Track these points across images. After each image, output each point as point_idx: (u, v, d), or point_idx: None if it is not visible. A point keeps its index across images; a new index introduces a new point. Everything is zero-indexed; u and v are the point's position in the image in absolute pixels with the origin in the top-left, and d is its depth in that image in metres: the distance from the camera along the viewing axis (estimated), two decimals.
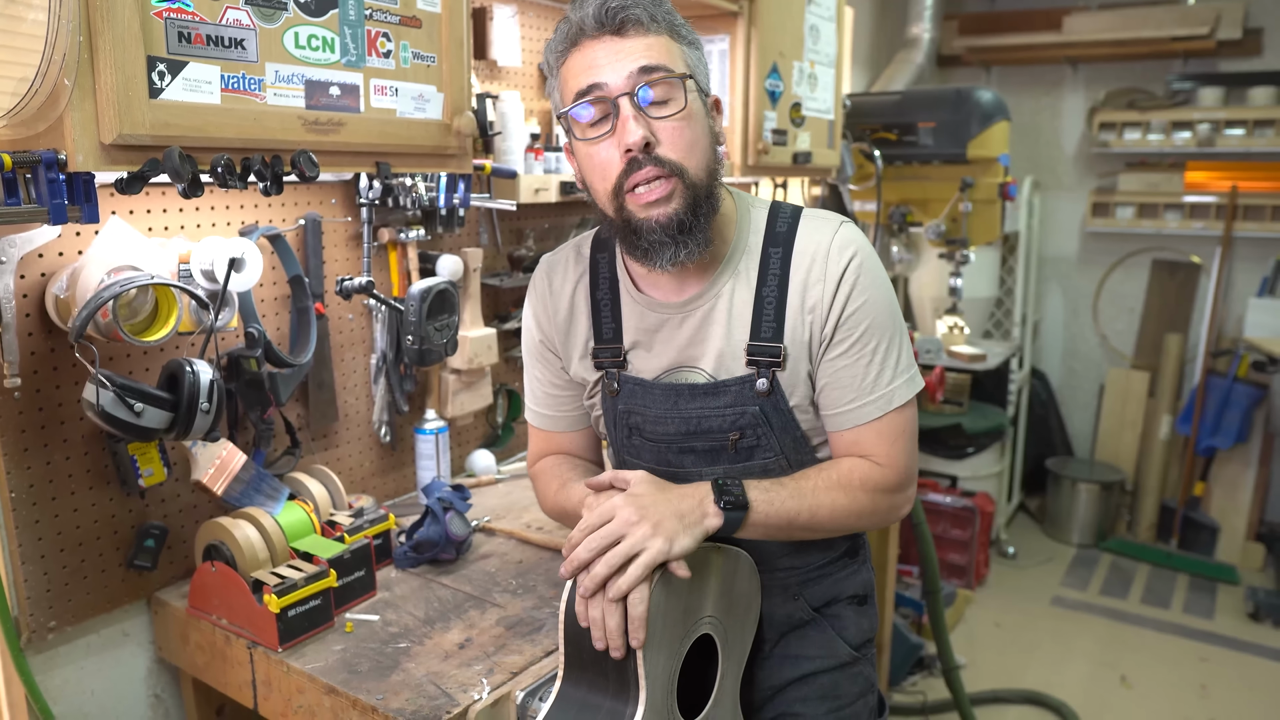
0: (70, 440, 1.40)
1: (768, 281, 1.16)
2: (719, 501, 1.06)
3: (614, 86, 1.06)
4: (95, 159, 1.07)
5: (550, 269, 1.32)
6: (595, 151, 1.10)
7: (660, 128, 1.07)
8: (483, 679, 1.27)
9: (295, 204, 1.66)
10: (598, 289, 1.26)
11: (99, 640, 1.50)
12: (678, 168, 1.08)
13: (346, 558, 1.47)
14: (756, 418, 1.18)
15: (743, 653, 1.25)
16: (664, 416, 1.21)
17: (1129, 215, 4.39)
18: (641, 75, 1.06)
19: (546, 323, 1.30)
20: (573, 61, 1.10)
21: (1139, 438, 4.48)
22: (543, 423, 1.37)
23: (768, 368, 1.16)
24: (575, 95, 1.09)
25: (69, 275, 1.27)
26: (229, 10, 1.16)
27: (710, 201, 1.12)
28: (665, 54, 1.08)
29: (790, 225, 1.18)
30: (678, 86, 1.08)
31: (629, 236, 1.12)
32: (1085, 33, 4.19)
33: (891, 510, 1.20)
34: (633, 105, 1.06)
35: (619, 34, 1.07)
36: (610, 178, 1.09)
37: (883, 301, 1.16)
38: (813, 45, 2.63)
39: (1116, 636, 3.49)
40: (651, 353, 1.22)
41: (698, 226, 1.10)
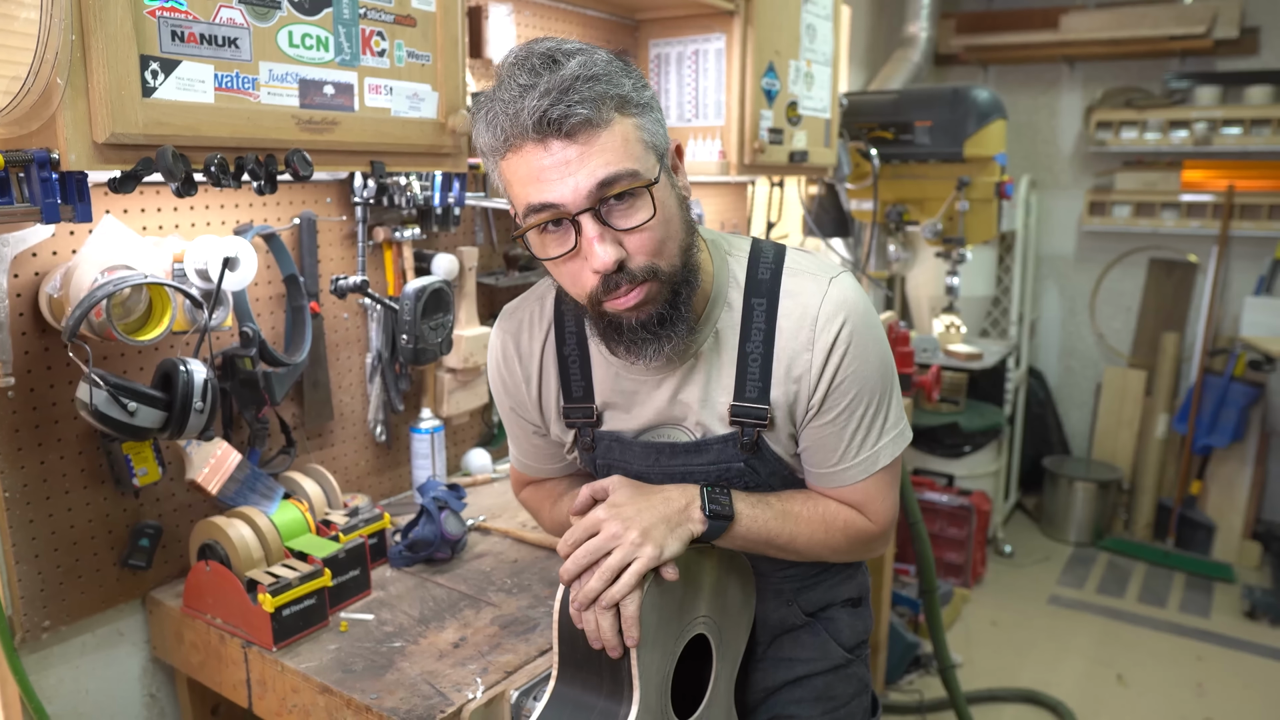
0: (64, 439, 1.39)
1: (751, 338, 1.10)
2: (705, 509, 1.05)
3: (571, 204, 0.95)
4: (88, 158, 1.07)
5: (517, 330, 1.23)
6: (559, 264, 1.02)
7: (629, 240, 0.98)
8: (477, 678, 1.27)
9: (290, 203, 1.66)
10: (564, 345, 1.19)
11: (94, 639, 1.50)
12: (653, 272, 1.00)
13: (341, 557, 1.47)
14: (741, 471, 1.15)
15: (737, 653, 1.25)
16: (645, 473, 1.17)
17: (1126, 214, 4.39)
18: (601, 189, 0.95)
19: (517, 389, 1.24)
20: (514, 166, 0.98)
21: (1136, 436, 4.49)
22: (529, 471, 1.36)
23: (752, 427, 1.12)
24: (526, 208, 0.99)
25: (62, 274, 1.27)
26: (222, 9, 1.15)
27: (690, 284, 1.05)
28: (622, 150, 0.96)
29: (773, 273, 1.12)
30: (641, 188, 0.97)
31: (610, 334, 1.06)
32: (1082, 31, 4.19)
33: (866, 554, 1.22)
34: (596, 223, 0.96)
35: (568, 138, 0.94)
36: (585, 290, 1.02)
37: (873, 365, 1.10)
38: (809, 44, 2.62)
39: (1113, 635, 3.50)
40: (629, 414, 1.17)
41: (678, 315, 1.04)
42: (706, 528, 1.05)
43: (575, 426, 1.21)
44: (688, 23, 2.39)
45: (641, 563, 1.00)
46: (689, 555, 1.11)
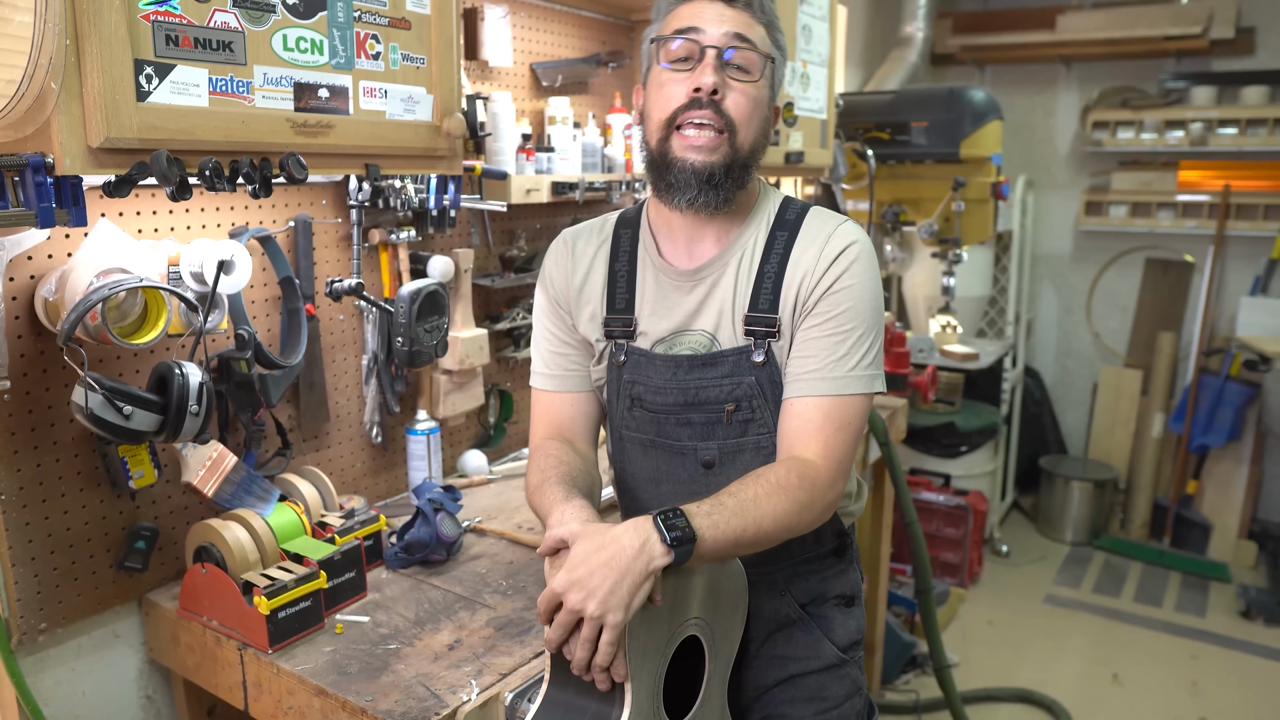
0: (60, 442, 1.40)
1: (770, 259, 1.24)
2: (665, 539, 1.02)
3: (709, 36, 1.17)
4: (82, 162, 1.07)
5: (575, 235, 1.38)
6: (668, 80, 1.19)
7: (732, 85, 1.18)
8: (472, 680, 1.27)
9: (286, 205, 1.66)
10: (617, 260, 1.32)
11: (90, 641, 1.50)
12: (731, 125, 1.18)
13: (337, 559, 1.47)
14: (752, 388, 1.22)
15: (730, 653, 1.25)
16: (664, 387, 1.26)
17: (1122, 214, 4.40)
18: (735, 39, 1.17)
19: (562, 280, 1.35)
20: (682, 9, 1.21)
21: (1132, 436, 4.49)
22: (548, 383, 1.37)
23: (763, 338, 1.22)
24: (672, 31, 1.20)
25: (58, 278, 1.27)
26: (217, 13, 1.16)
27: (744, 172, 1.22)
28: (760, 39, 1.20)
29: (799, 215, 1.27)
30: (759, 65, 1.19)
31: (660, 169, 1.22)
32: (1078, 31, 4.20)
33: (825, 508, 1.18)
34: (717, 58, 1.17)
35: (729, 3, 1.18)
36: (669, 108, 1.19)
37: (869, 294, 1.21)
38: (805, 45, 2.63)
39: (1109, 634, 3.51)
40: (660, 317, 1.27)
41: (724, 186, 1.19)
42: (673, 558, 1.02)
43: (612, 337, 1.31)
44: None
45: (611, 632, 1.00)
46: None
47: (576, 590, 1.00)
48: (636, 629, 1.05)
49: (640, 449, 1.31)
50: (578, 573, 1.01)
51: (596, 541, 1.03)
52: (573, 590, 1.01)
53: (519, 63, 2.10)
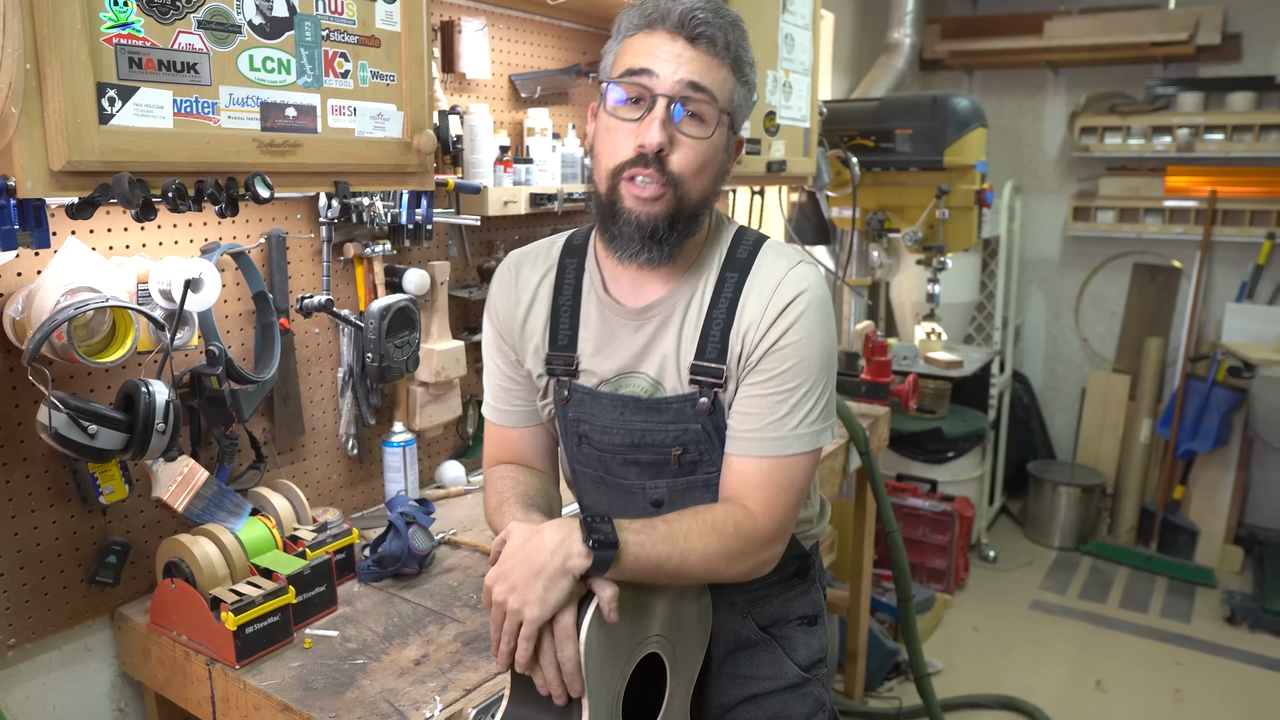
0: (30, 458, 1.40)
1: (719, 304, 1.19)
2: (587, 540, 1.02)
3: (661, 83, 1.10)
4: (45, 185, 1.08)
5: (520, 260, 1.33)
6: (615, 128, 1.13)
7: (680, 141, 1.12)
8: (436, 696, 1.28)
9: (260, 220, 1.67)
10: (561, 293, 1.27)
11: (61, 656, 1.50)
12: (676, 180, 1.12)
13: (307, 574, 1.48)
14: (699, 435, 1.19)
15: (693, 672, 1.26)
16: (610, 426, 1.23)
17: (1110, 219, 4.41)
18: (689, 89, 1.10)
19: (507, 312, 1.30)
20: (638, 40, 1.14)
21: (1120, 441, 4.51)
22: (498, 418, 1.35)
23: (709, 388, 1.18)
24: (624, 70, 1.13)
25: (25, 297, 1.28)
26: (181, 35, 1.16)
27: (690, 223, 1.16)
28: (719, 83, 1.12)
29: (750, 253, 1.21)
30: (713, 116, 1.12)
31: (607, 217, 1.16)
32: (1066, 37, 4.21)
33: (759, 564, 1.17)
34: (666, 110, 1.10)
35: (690, 42, 1.11)
36: (616, 158, 1.13)
37: (816, 348, 1.16)
38: (787, 54, 2.63)
39: (1094, 640, 3.52)
40: (604, 356, 1.24)
41: (668, 240, 1.14)
42: (591, 561, 1.02)
43: (554, 375, 1.27)
44: None
45: (528, 627, 1.00)
46: None
47: (500, 583, 1.03)
48: (595, 644, 1.06)
49: (591, 484, 1.30)
50: (503, 566, 1.03)
51: (521, 537, 1.04)
52: (497, 584, 1.03)
53: (497, 74, 2.11)
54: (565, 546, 1.02)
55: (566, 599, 1.02)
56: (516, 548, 1.04)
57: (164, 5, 1.13)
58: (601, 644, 1.07)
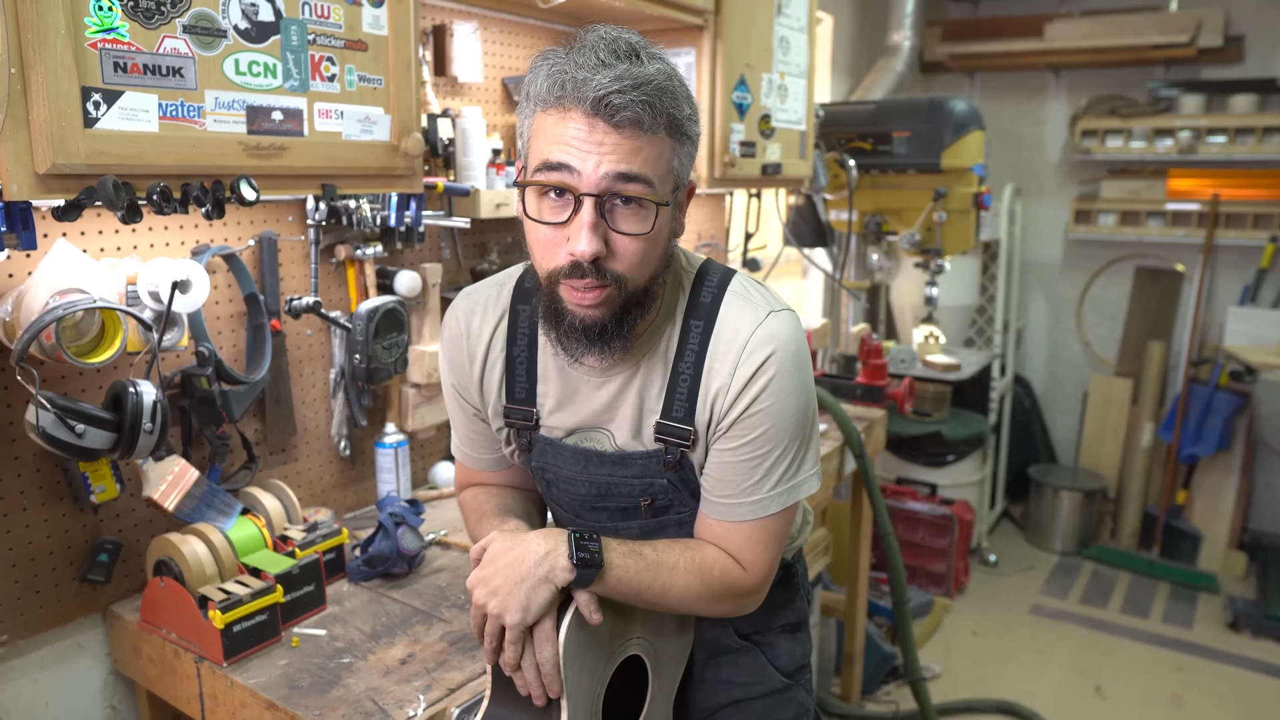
0: (21, 457, 1.42)
1: (685, 358, 1.12)
2: (573, 557, 1.01)
3: (584, 179, 0.97)
4: (30, 188, 1.09)
5: (469, 310, 1.22)
6: (540, 232, 1.03)
7: (616, 241, 1.00)
8: (420, 695, 1.29)
9: (251, 222, 1.68)
10: (515, 344, 1.19)
11: (53, 653, 1.52)
12: (619, 280, 1.02)
13: (295, 573, 1.49)
14: (666, 487, 1.17)
15: (675, 675, 1.27)
16: (574, 478, 1.20)
17: (1111, 222, 4.40)
18: (617, 181, 0.97)
19: (461, 368, 1.23)
20: (553, 121, 0.99)
21: (1121, 445, 4.49)
22: (467, 461, 1.34)
23: (675, 447, 1.13)
24: (540, 164, 1.00)
25: (14, 298, 1.29)
26: (166, 39, 1.18)
27: (643, 307, 1.07)
28: (652, 161, 0.99)
29: (715, 297, 1.12)
30: (649, 206, 1.00)
31: (552, 317, 1.07)
32: (1066, 40, 4.20)
33: (739, 609, 1.17)
34: (595, 211, 0.98)
35: (614, 126, 0.96)
36: (549, 262, 1.03)
37: (790, 407, 1.09)
38: (782, 57, 2.64)
39: (1094, 645, 3.51)
40: (565, 411, 1.19)
41: (619, 333, 1.06)
42: (574, 576, 1.02)
43: (513, 427, 1.22)
44: (656, 37, 2.34)
45: (511, 632, 1.02)
46: None
47: (481, 587, 1.04)
48: (574, 646, 1.07)
49: (564, 520, 1.31)
50: (485, 570, 1.05)
51: (506, 543, 1.06)
52: (478, 587, 1.04)
53: (490, 77, 2.12)
54: (550, 559, 1.02)
55: (548, 606, 1.03)
56: (500, 553, 1.05)
57: (149, 10, 1.15)
58: (581, 645, 1.08)
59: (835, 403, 2.50)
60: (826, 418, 2.56)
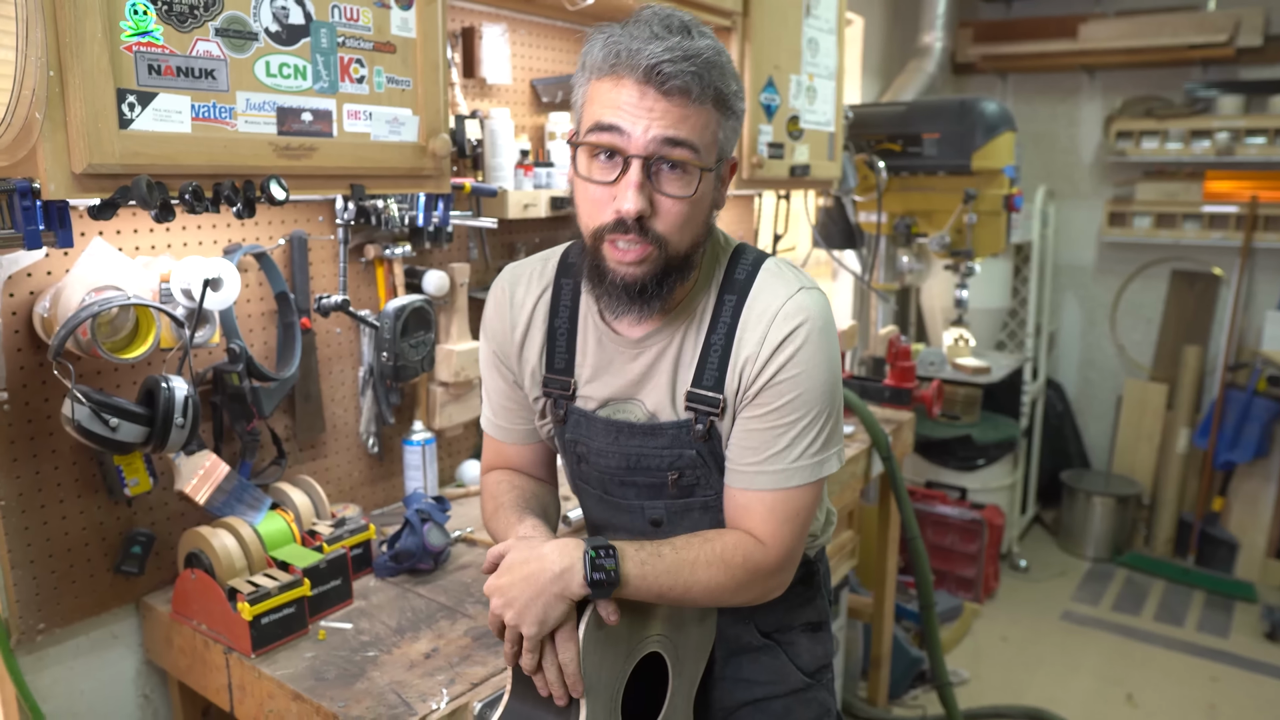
0: (59, 450, 1.45)
1: (717, 330, 1.15)
2: (588, 576, 1.02)
3: (633, 141, 1.02)
4: (67, 187, 1.12)
5: (514, 280, 1.27)
6: (589, 190, 1.08)
7: (660, 202, 1.05)
8: (443, 689, 1.30)
9: (283, 222, 1.71)
10: (557, 316, 1.23)
11: (88, 642, 1.55)
12: (661, 240, 1.06)
13: (322, 567, 1.52)
14: (694, 460, 1.18)
15: (696, 672, 1.27)
16: (606, 450, 1.22)
17: (1146, 225, 4.34)
18: (664, 145, 1.02)
19: (503, 335, 1.27)
20: (606, 88, 1.04)
21: (1156, 451, 4.42)
22: (497, 433, 1.34)
23: (705, 415, 1.16)
24: (592, 125, 1.05)
25: (52, 295, 1.33)
26: (199, 42, 1.21)
27: (682, 271, 1.11)
28: (699, 129, 1.04)
29: (749, 274, 1.17)
30: (695, 169, 1.05)
31: (595, 275, 1.11)
32: (1101, 40, 4.15)
33: (766, 593, 1.16)
34: (642, 172, 1.03)
35: (663, 94, 1.01)
36: (595, 219, 1.08)
37: (818, 378, 1.12)
38: (811, 58, 2.64)
39: (1126, 653, 3.45)
40: (599, 381, 1.22)
41: (658, 294, 1.10)
42: (589, 594, 1.03)
43: (550, 397, 1.25)
44: None
45: (528, 642, 1.04)
46: None
47: (498, 597, 1.05)
48: (593, 645, 1.08)
49: (592, 500, 1.32)
50: (501, 580, 1.05)
51: (524, 554, 1.06)
52: (495, 596, 1.05)
53: (519, 79, 2.14)
54: (566, 578, 1.03)
55: (564, 618, 1.04)
56: (517, 564, 1.05)
57: (182, 14, 1.17)
58: (599, 643, 1.09)
59: (863, 404, 2.49)
60: (854, 419, 2.55)
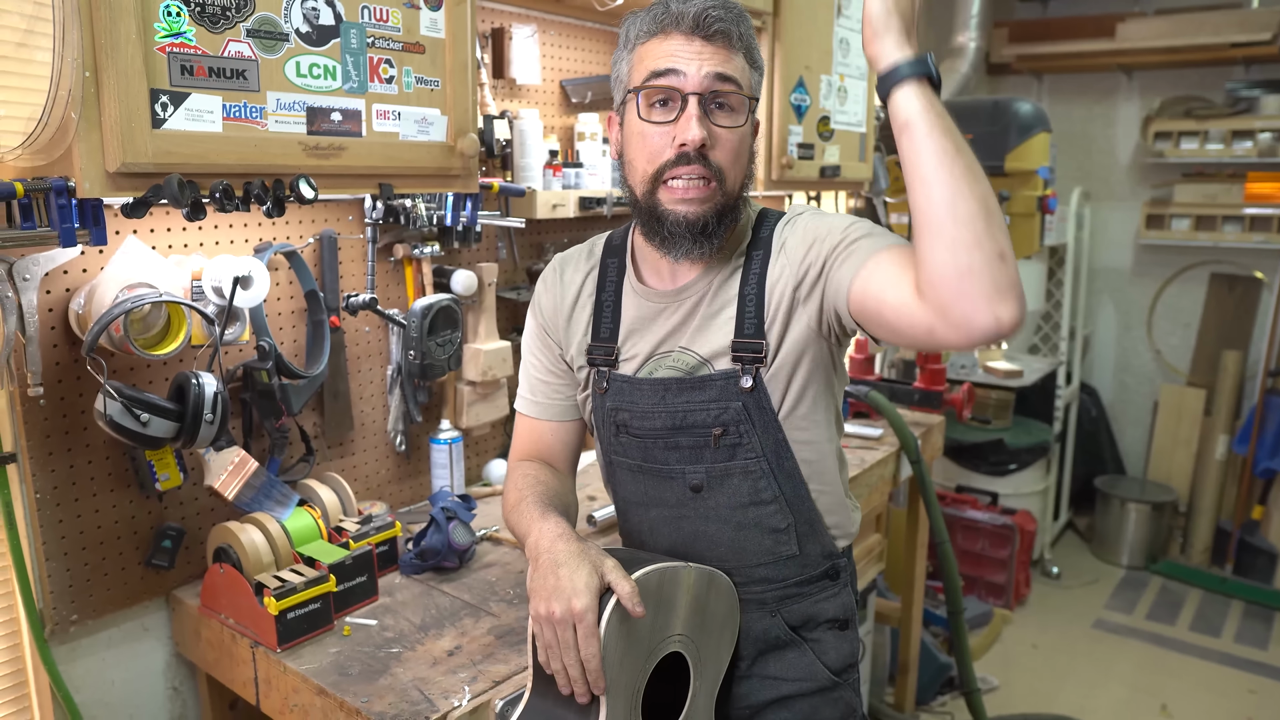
0: (92, 445, 1.48)
1: (749, 281, 1.23)
2: None
3: (690, 81, 1.13)
4: (101, 186, 1.14)
5: (564, 261, 1.40)
6: (649, 133, 1.17)
7: (718, 134, 1.16)
8: (465, 686, 1.31)
9: (313, 221, 1.73)
10: (603, 289, 1.33)
11: (119, 634, 1.58)
12: (721, 173, 1.16)
13: (348, 563, 1.53)
14: (739, 414, 1.21)
15: (718, 672, 1.26)
16: (651, 411, 1.26)
17: (1185, 227, 4.26)
18: (717, 81, 1.14)
19: (552, 309, 1.37)
20: (655, 45, 1.16)
21: (1194, 457, 4.34)
22: (532, 409, 1.40)
23: (751, 364, 1.20)
24: (650, 74, 1.15)
25: (87, 291, 1.35)
26: (231, 43, 1.22)
27: (734, 213, 1.22)
28: (740, 71, 1.16)
29: (771, 230, 1.26)
30: (742, 104, 1.17)
31: (652, 222, 1.20)
32: (1140, 40, 4.08)
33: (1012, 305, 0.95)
34: (700, 106, 1.14)
35: (707, 39, 1.14)
36: (656, 162, 1.17)
37: (830, 219, 1.19)
38: (842, 59, 2.62)
39: (1160, 663, 3.39)
40: (644, 337, 1.28)
41: (717, 233, 1.19)
42: None
43: (595, 364, 1.32)
44: None
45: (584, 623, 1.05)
46: (663, 574, 1.14)
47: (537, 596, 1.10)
48: (614, 640, 1.08)
49: (629, 473, 1.32)
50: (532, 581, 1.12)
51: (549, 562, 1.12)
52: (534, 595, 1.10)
53: (548, 80, 2.14)
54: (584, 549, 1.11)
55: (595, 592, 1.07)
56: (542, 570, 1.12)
57: (215, 15, 1.19)
58: (620, 640, 1.09)
59: (891, 407, 2.47)
60: (882, 422, 2.53)
